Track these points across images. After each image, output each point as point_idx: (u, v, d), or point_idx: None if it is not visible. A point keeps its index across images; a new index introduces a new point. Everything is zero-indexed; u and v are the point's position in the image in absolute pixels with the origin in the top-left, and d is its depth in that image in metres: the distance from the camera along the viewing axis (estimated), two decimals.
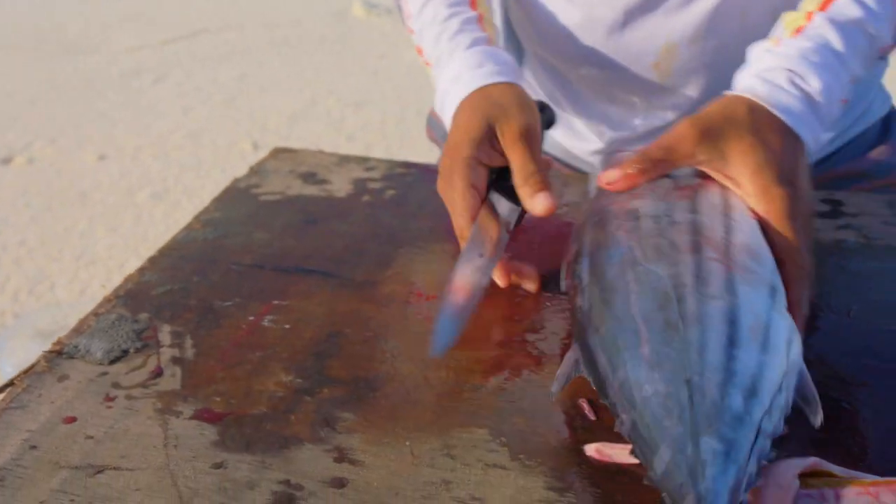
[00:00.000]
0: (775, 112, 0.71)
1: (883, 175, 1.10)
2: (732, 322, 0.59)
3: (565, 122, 1.15)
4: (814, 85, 0.72)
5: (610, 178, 0.74)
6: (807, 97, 0.72)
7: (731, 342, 0.58)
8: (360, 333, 0.78)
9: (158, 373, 0.74)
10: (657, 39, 0.99)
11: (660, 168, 0.73)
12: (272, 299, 0.84)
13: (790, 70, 0.73)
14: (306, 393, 0.71)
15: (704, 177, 0.75)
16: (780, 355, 0.59)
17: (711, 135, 0.70)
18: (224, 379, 0.73)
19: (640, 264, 0.65)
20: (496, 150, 0.78)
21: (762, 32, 0.97)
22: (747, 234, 0.68)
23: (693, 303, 0.61)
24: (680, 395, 0.55)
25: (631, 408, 0.57)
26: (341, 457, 0.64)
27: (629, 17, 0.98)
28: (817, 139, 0.73)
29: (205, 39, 4.63)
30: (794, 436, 0.64)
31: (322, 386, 0.72)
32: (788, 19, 0.80)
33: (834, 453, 0.62)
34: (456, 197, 0.77)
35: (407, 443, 0.65)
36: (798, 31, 0.76)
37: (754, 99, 0.73)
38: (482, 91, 0.80)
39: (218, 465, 0.64)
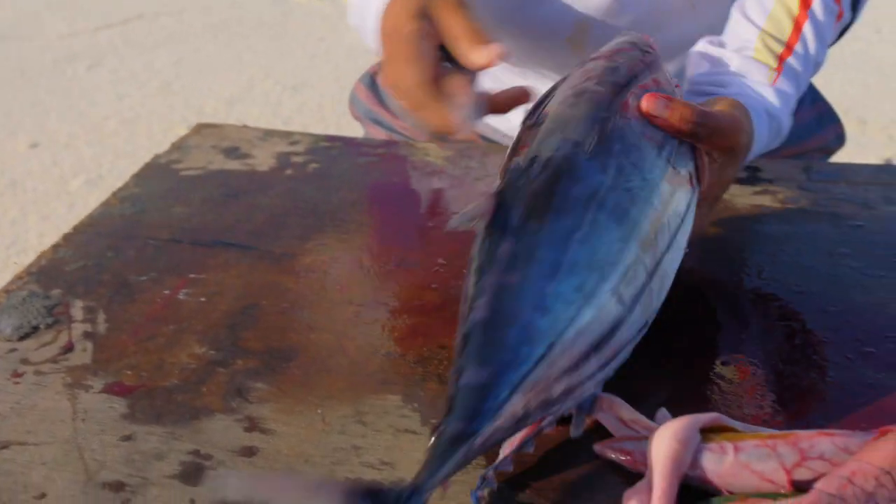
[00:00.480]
0: (756, 134, 0.78)
1: (797, 142, 1.11)
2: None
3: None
4: (784, 127, 0.85)
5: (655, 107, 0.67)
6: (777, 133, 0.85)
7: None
8: (276, 305, 0.77)
9: (69, 348, 0.73)
10: (571, 14, 0.99)
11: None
12: (189, 273, 0.83)
13: (775, 118, 0.82)
14: (219, 364, 0.70)
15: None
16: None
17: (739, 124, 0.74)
18: (136, 353, 0.72)
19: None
20: (433, 28, 0.73)
21: (675, 9, 0.98)
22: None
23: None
24: None
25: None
26: (252, 426, 0.64)
27: None
28: None
29: (140, 25, 4.55)
30: (697, 393, 0.66)
31: (236, 357, 0.71)
32: (766, 46, 0.85)
33: (740, 410, 0.63)
34: (408, 70, 0.71)
35: (319, 410, 0.65)
36: (781, 63, 0.84)
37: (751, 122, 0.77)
38: None
39: (126, 438, 0.63)
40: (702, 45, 0.87)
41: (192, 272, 0.83)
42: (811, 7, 0.84)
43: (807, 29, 0.84)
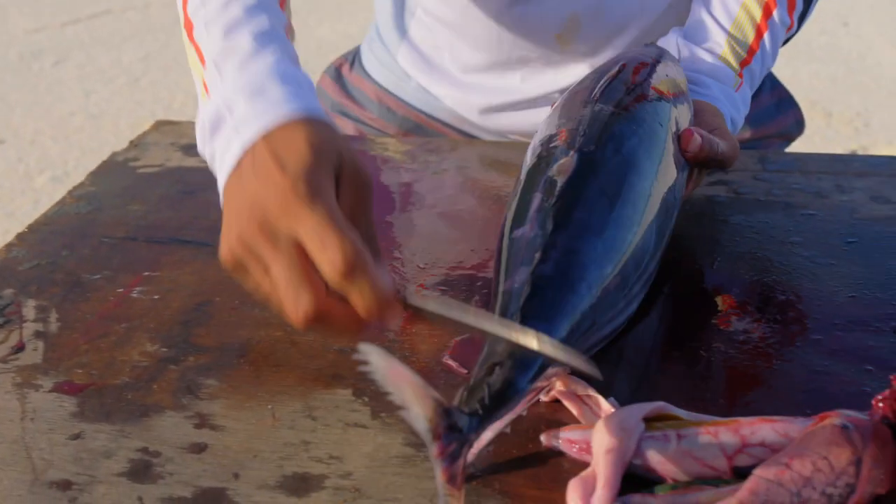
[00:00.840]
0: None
1: (758, 126, 1.13)
2: None
3: (453, 80, 1.13)
4: (737, 129, 0.91)
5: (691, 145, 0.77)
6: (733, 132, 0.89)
7: None
8: (229, 301, 0.77)
9: (20, 347, 0.73)
10: (562, 10, 1.00)
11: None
12: (143, 271, 0.83)
13: (734, 124, 0.89)
14: (171, 362, 0.70)
15: None
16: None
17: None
18: (87, 351, 0.72)
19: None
20: (334, 195, 0.56)
21: (658, 10, 1.00)
22: None
23: None
24: None
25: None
26: (202, 422, 0.64)
27: None
28: None
29: (108, 20, 4.52)
30: (646, 382, 0.66)
31: (187, 354, 0.71)
32: (732, 49, 0.90)
33: (687, 398, 0.64)
34: (324, 220, 0.53)
35: (269, 406, 0.65)
36: (743, 67, 0.90)
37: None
38: (311, 121, 0.59)
39: (75, 436, 0.63)
40: (674, 37, 0.91)
41: (147, 270, 0.83)
42: (771, 17, 0.90)
43: (766, 37, 0.90)
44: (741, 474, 0.54)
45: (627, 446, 0.56)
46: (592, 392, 0.61)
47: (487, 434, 0.58)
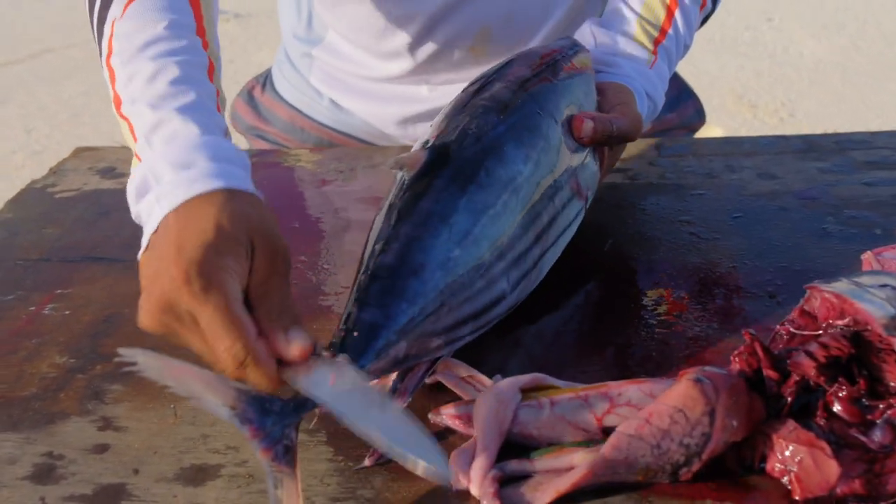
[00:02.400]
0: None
1: (659, 118, 1.16)
2: None
3: (367, 94, 1.16)
4: (659, 106, 0.92)
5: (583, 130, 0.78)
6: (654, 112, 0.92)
7: None
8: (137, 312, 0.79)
9: None
10: (474, 25, 1.04)
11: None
12: (56, 289, 0.85)
13: (652, 99, 0.90)
14: (79, 371, 0.72)
15: None
16: None
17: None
18: None
19: None
20: (246, 268, 0.59)
21: (561, 9, 1.04)
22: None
23: None
24: None
25: None
26: (106, 425, 0.66)
27: (450, 8, 1.02)
28: None
29: (49, 58, 4.50)
30: (531, 355, 0.70)
31: (95, 363, 0.73)
32: (644, 30, 0.92)
33: (572, 370, 0.67)
34: (217, 316, 0.56)
35: (171, 406, 0.67)
36: (657, 45, 0.92)
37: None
38: (231, 193, 0.61)
39: None
40: (587, 26, 0.94)
41: (60, 288, 0.85)
42: None
43: (677, 15, 0.92)
44: (610, 434, 0.57)
45: (504, 416, 0.59)
46: (475, 372, 0.65)
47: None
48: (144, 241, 0.62)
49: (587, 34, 0.93)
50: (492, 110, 0.74)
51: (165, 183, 0.62)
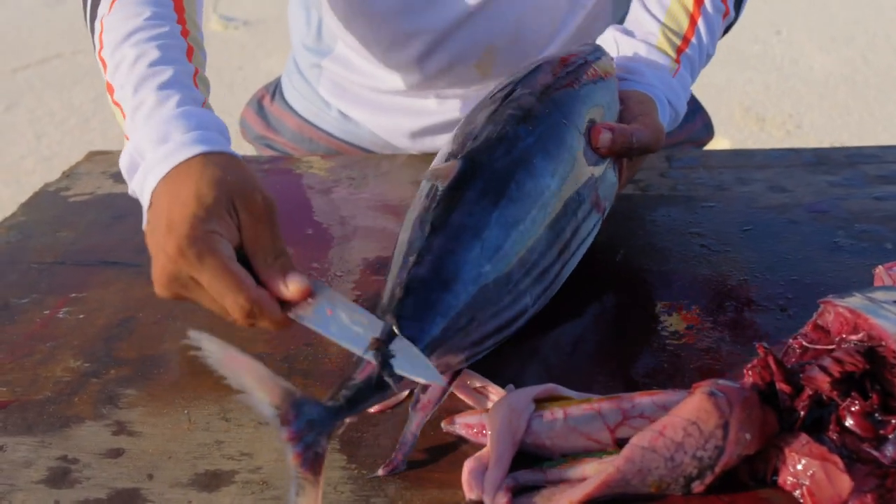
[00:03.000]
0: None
1: (668, 134, 1.17)
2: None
3: (374, 105, 1.17)
4: (680, 115, 0.92)
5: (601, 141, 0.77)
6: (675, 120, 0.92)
7: None
8: (152, 316, 0.80)
9: None
10: (479, 43, 1.05)
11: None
12: (70, 293, 0.85)
13: (674, 108, 0.89)
14: (93, 375, 0.73)
15: None
16: None
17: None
18: (12, 370, 0.74)
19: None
20: (234, 227, 0.65)
21: (569, 29, 1.05)
22: None
23: None
24: None
25: None
26: (120, 430, 0.66)
27: (455, 26, 1.03)
28: None
29: (58, 64, 4.52)
30: (547, 366, 0.70)
31: (109, 368, 0.74)
32: (666, 38, 0.92)
33: (586, 380, 0.67)
34: (216, 277, 0.62)
35: (185, 411, 0.68)
36: (680, 54, 0.91)
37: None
38: (202, 159, 0.67)
39: None
40: (610, 32, 0.94)
41: (74, 291, 0.85)
42: (703, 5, 0.92)
43: (700, 23, 0.92)
44: (624, 446, 0.58)
45: (518, 426, 0.59)
46: (487, 382, 0.65)
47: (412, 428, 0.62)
48: (144, 216, 0.69)
49: (610, 40, 0.93)
50: (520, 119, 0.73)
51: (149, 159, 0.68)
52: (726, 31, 0.99)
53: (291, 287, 0.63)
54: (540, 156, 0.72)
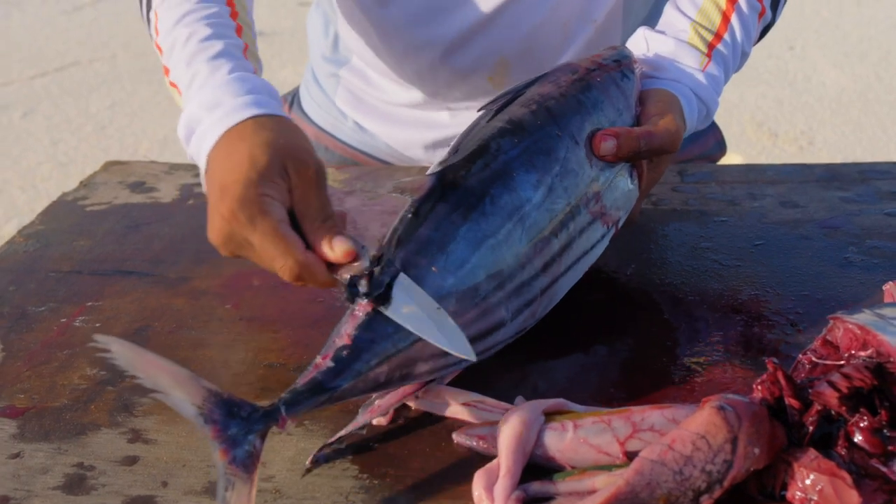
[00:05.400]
0: (686, 122, 0.84)
1: (680, 150, 1.17)
2: None
3: (389, 117, 1.18)
4: (712, 110, 0.90)
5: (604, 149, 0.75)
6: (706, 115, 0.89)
7: None
8: (167, 325, 0.81)
9: None
10: (492, 56, 1.05)
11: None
12: (87, 301, 0.86)
13: (704, 102, 0.88)
14: (109, 383, 0.74)
15: None
16: None
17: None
18: (30, 377, 0.75)
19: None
20: (286, 190, 0.68)
21: (580, 42, 1.05)
22: None
23: None
24: None
25: None
26: (135, 437, 0.67)
27: (465, 38, 1.04)
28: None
29: (75, 72, 4.56)
30: (564, 377, 0.71)
31: (125, 376, 0.74)
32: (697, 33, 0.89)
33: (597, 392, 0.68)
34: (266, 239, 0.66)
35: None
36: (711, 49, 0.89)
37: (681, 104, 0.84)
38: (255, 123, 0.70)
39: (14, 456, 0.66)
40: (641, 31, 0.92)
41: (91, 300, 0.86)
42: (738, 3, 0.90)
43: (734, 20, 0.90)
44: (634, 458, 0.58)
45: (528, 438, 0.60)
46: (484, 398, 0.66)
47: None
48: (202, 181, 0.73)
49: (640, 39, 0.91)
50: (507, 132, 0.72)
51: (203, 125, 0.72)
52: (764, 32, 0.97)
53: (336, 249, 0.65)
54: (522, 169, 0.70)
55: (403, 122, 1.16)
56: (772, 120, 3.38)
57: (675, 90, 0.84)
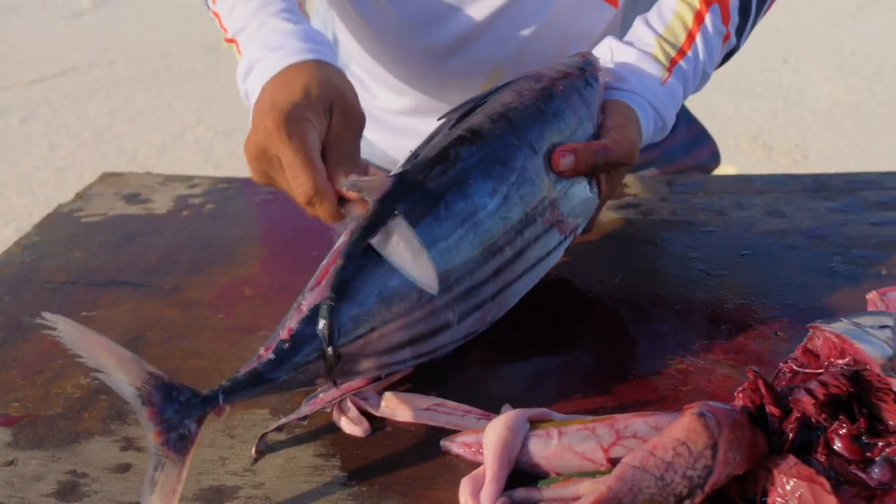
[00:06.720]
0: (643, 134, 0.85)
1: (674, 161, 1.19)
2: None
3: (384, 125, 1.19)
4: (668, 123, 0.91)
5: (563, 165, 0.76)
6: (662, 128, 0.90)
7: None
8: (160, 335, 0.82)
9: None
10: (486, 63, 1.07)
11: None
12: (81, 312, 0.87)
13: (660, 115, 0.88)
14: (102, 392, 0.75)
15: None
16: None
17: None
18: (24, 386, 0.76)
19: None
20: (325, 126, 0.76)
21: (576, 41, 1.06)
22: None
23: None
24: None
25: None
26: (128, 445, 0.68)
27: (460, 45, 1.05)
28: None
29: (74, 77, 4.58)
30: (551, 384, 0.72)
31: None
32: (661, 48, 0.91)
33: (585, 400, 0.69)
34: (295, 157, 0.72)
35: None
36: (673, 64, 0.91)
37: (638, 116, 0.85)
38: (315, 63, 0.79)
39: (8, 463, 0.67)
40: (607, 42, 0.93)
41: (85, 311, 0.87)
42: (704, 23, 0.92)
43: (699, 40, 0.92)
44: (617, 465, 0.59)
45: (513, 444, 0.61)
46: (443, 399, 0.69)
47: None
48: (250, 115, 0.78)
49: (606, 49, 0.92)
50: (466, 141, 0.73)
51: (264, 62, 0.80)
52: (727, 58, 0.99)
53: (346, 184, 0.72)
54: (479, 177, 0.72)
55: (400, 130, 1.18)
56: (766, 133, 3.40)
57: (633, 102, 0.86)
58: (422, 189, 0.70)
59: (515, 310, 0.76)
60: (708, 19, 0.92)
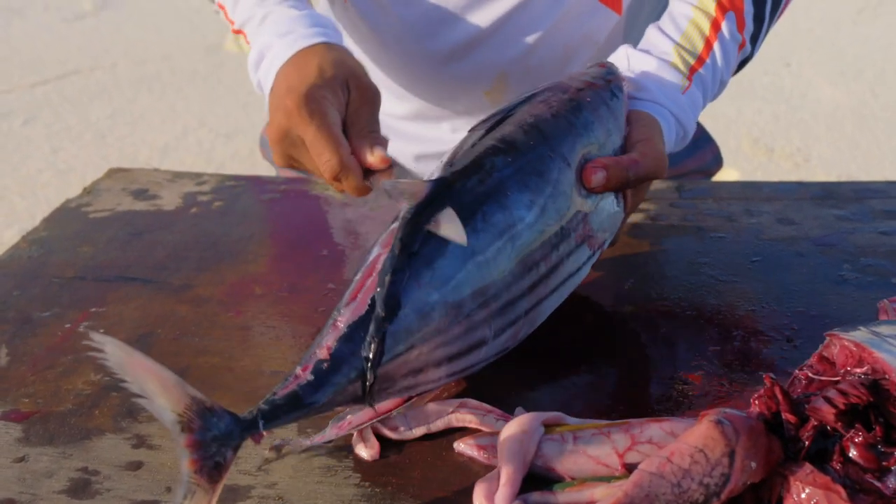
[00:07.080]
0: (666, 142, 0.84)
1: (677, 164, 1.19)
2: None
3: (387, 129, 1.19)
4: (689, 132, 0.90)
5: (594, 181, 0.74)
6: (683, 138, 0.90)
7: None
8: (170, 332, 0.82)
9: None
10: (490, 70, 1.06)
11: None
12: (90, 307, 0.87)
13: (682, 125, 0.88)
14: (113, 389, 0.74)
15: None
16: None
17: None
18: (34, 382, 0.76)
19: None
20: (343, 102, 0.79)
21: (581, 62, 1.06)
22: None
23: None
24: None
25: None
26: (139, 443, 0.68)
27: (464, 50, 1.05)
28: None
29: (76, 80, 4.57)
30: (561, 390, 0.72)
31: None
32: (680, 56, 0.89)
33: (597, 406, 0.69)
34: (318, 135, 0.75)
35: None
36: (693, 73, 0.89)
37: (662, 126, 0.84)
38: (326, 46, 0.82)
39: (19, 460, 0.67)
40: (623, 50, 0.92)
41: (94, 306, 0.87)
42: (720, 31, 0.91)
43: (716, 47, 0.91)
44: (632, 470, 0.59)
45: (528, 447, 0.61)
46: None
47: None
48: (266, 100, 0.82)
49: (622, 57, 0.91)
50: (500, 151, 0.71)
51: (275, 49, 0.83)
52: (741, 66, 0.99)
53: (376, 154, 0.76)
54: (516, 188, 0.69)
55: (403, 135, 1.18)
56: (768, 136, 3.40)
57: (656, 112, 0.84)
58: (460, 200, 0.67)
59: None
60: (724, 27, 0.91)
